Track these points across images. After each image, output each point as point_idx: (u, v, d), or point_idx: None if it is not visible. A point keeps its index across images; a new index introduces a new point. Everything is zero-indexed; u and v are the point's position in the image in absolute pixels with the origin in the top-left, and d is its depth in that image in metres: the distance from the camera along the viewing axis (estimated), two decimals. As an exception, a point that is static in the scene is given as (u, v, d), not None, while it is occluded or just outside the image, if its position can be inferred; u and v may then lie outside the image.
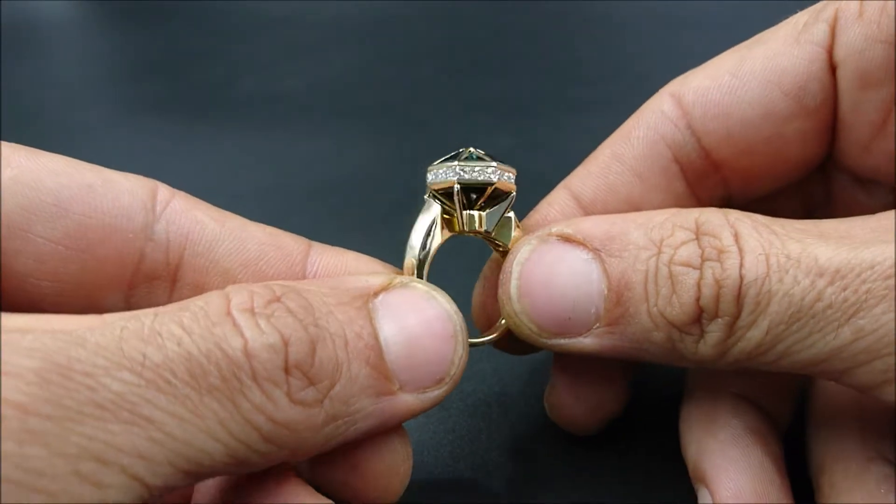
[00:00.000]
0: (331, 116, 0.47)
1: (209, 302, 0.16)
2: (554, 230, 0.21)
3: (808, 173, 0.23)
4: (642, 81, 0.23)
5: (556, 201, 0.23)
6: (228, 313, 0.16)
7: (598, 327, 0.20)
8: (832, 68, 0.21)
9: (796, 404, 0.24)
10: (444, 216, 0.22)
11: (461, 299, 0.21)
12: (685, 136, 0.22)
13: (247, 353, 0.16)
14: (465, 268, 0.25)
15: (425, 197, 0.22)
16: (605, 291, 0.19)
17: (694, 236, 0.19)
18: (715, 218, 0.19)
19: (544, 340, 0.20)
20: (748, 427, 0.22)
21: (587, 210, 0.23)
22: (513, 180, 0.22)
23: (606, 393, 0.24)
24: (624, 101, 0.25)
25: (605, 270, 0.20)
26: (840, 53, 0.21)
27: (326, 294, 0.18)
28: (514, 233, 0.22)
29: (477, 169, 0.21)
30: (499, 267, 0.22)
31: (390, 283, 0.19)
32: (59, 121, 0.50)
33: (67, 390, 0.13)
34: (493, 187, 0.21)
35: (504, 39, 0.57)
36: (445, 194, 0.22)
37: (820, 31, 0.21)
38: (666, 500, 0.23)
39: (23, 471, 0.12)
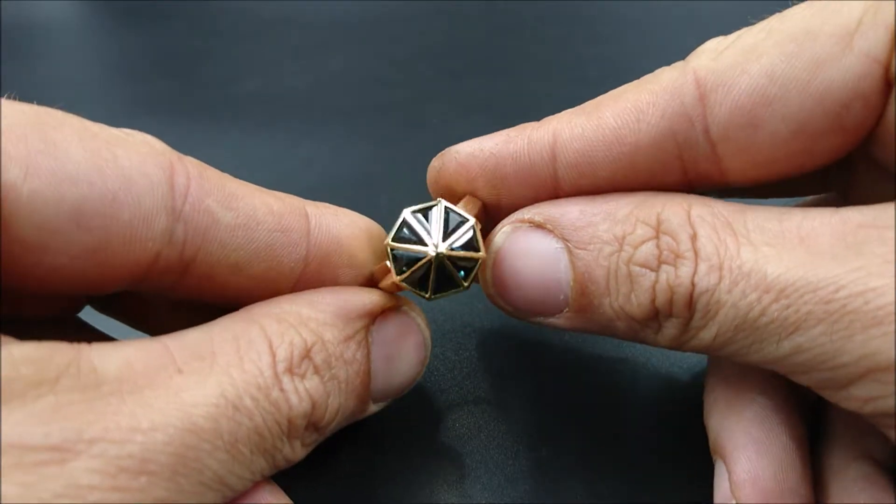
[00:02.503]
0: (331, 116, 0.47)
1: (261, 355, 0.18)
2: (526, 216, 0.21)
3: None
4: (642, 81, 0.23)
5: (536, 151, 0.21)
6: (276, 375, 0.18)
7: (567, 311, 0.21)
8: (887, 83, 0.18)
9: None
10: None
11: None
12: (700, 138, 0.20)
13: (289, 419, 0.18)
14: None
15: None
16: (572, 283, 0.20)
17: (654, 234, 0.19)
18: (675, 217, 0.19)
19: (522, 318, 0.22)
20: (776, 406, 0.21)
21: (559, 177, 0.21)
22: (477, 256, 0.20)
23: None
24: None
25: (571, 262, 0.20)
26: None
27: (336, 325, 0.20)
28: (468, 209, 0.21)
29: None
30: None
31: (386, 308, 0.21)
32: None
33: (186, 478, 0.16)
34: None
35: (504, 39, 0.57)
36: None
37: (877, 40, 0.18)
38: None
39: None
